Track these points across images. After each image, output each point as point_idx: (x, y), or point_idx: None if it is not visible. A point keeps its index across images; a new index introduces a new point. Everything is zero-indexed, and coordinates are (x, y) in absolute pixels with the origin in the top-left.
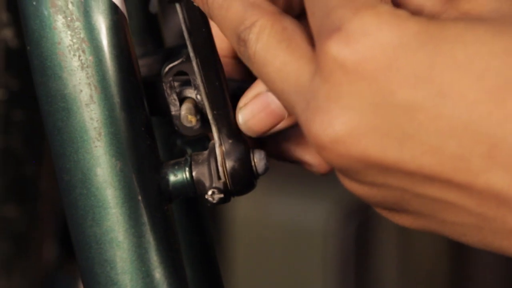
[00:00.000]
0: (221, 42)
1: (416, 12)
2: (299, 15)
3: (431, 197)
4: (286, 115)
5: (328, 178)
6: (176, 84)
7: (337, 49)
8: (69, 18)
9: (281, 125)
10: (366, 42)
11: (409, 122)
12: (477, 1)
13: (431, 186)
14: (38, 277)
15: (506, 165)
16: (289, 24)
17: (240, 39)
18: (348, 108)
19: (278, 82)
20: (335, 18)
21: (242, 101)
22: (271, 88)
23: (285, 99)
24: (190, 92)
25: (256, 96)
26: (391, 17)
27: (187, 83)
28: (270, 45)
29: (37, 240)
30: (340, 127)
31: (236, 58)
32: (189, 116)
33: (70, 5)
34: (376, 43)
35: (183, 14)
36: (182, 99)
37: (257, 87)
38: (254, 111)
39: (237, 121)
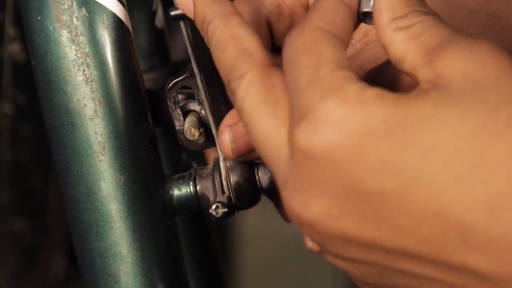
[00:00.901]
0: None
1: (399, 61)
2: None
3: (412, 272)
4: None
5: None
6: (180, 98)
7: (304, 138)
8: (73, 33)
9: (254, 155)
10: (333, 130)
11: (381, 207)
12: (451, 63)
13: (410, 263)
14: None
15: (479, 248)
16: (278, 80)
17: (230, 87)
18: (323, 192)
19: (262, 147)
20: (303, 100)
21: (229, 120)
22: (257, 149)
23: (268, 163)
24: (194, 106)
25: None
26: (357, 102)
27: (192, 97)
28: (256, 105)
29: (45, 253)
30: (317, 209)
31: None
32: (193, 130)
33: (74, 20)
34: (343, 132)
35: (187, 31)
36: (186, 113)
37: None
38: (243, 131)
39: (221, 139)
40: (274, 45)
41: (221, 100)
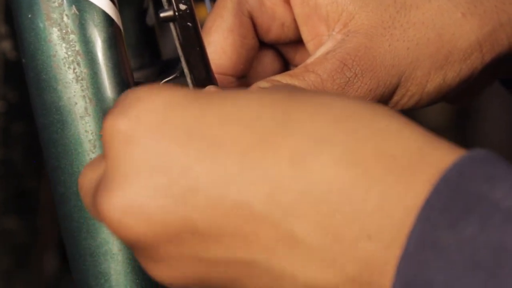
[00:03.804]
0: (221, 59)
1: None
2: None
3: (226, 259)
4: None
5: None
6: None
7: (113, 118)
8: (64, 31)
9: None
10: (139, 106)
11: (187, 177)
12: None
13: (221, 245)
14: None
15: (290, 207)
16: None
17: None
18: (126, 176)
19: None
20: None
21: None
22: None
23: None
24: None
25: None
26: (161, 87)
27: None
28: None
29: (38, 252)
30: (121, 199)
31: (235, 76)
32: None
33: (65, 18)
34: (148, 105)
35: (177, 32)
36: None
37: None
38: None
39: None
40: (259, 39)
41: None
